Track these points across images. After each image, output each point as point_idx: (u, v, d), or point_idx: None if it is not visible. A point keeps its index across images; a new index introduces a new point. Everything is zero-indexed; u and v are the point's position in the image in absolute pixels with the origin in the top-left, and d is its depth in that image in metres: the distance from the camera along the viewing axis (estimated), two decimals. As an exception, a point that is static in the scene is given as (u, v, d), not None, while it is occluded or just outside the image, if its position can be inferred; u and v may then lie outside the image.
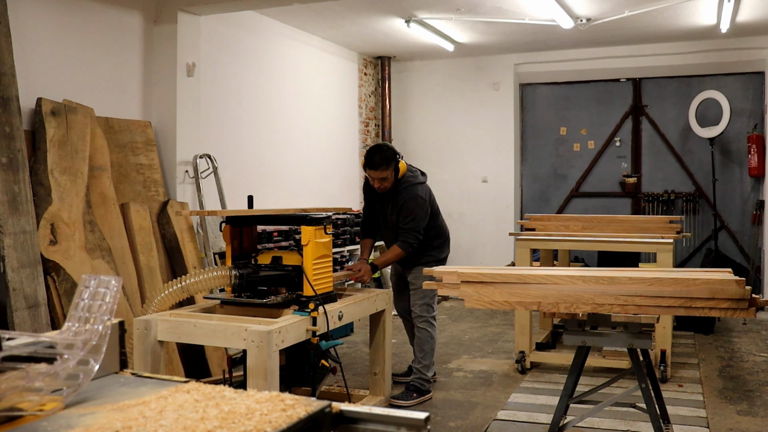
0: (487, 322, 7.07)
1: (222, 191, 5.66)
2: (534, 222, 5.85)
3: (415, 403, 4.40)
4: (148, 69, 5.30)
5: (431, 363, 4.60)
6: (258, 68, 6.59)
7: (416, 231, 4.47)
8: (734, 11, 6.54)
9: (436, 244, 4.69)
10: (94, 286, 1.31)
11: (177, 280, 3.44)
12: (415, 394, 4.47)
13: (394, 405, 4.29)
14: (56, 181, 4.16)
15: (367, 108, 8.93)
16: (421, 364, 4.55)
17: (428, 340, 4.57)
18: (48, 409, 1.16)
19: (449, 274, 3.00)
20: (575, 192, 8.95)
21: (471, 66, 8.97)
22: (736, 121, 8.06)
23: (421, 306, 4.59)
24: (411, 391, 4.48)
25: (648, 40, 7.91)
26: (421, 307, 4.59)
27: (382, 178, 4.42)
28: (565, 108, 8.98)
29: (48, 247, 4.05)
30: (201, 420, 1.06)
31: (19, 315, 3.79)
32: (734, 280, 2.62)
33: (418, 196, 4.48)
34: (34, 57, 4.38)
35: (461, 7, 6.47)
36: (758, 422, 4.05)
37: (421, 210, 4.48)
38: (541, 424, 3.99)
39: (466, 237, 9.00)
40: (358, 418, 1.14)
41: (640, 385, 3.02)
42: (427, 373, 4.55)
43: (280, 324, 3.19)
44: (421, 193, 4.51)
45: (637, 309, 2.76)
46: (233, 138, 6.19)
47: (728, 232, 8.30)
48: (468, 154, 9.00)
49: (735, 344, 6.03)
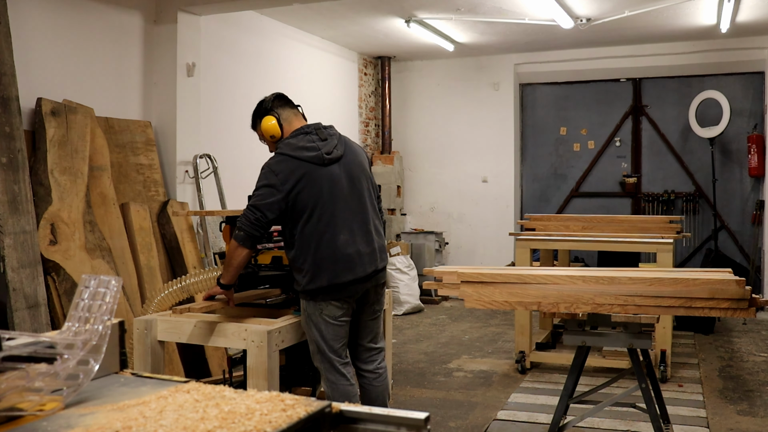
0: (487, 322, 7.07)
1: (222, 191, 5.66)
2: (534, 222, 5.84)
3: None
4: (148, 69, 5.30)
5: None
6: (258, 68, 6.59)
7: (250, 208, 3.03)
8: (734, 11, 6.54)
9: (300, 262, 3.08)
10: (94, 286, 1.31)
11: (177, 280, 3.45)
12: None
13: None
14: (56, 181, 4.16)
15: (367, 108, 8.93)
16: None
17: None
18: (48, 409, 1.16)
19: (449, 274, 3.00)
20: (575, 192, 8.95)
21: (471, 66, 8.97)
22: (736, 121, 8.06)
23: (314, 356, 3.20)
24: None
25: (648, 40, 7.91)
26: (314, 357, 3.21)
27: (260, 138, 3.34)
28: (565, 108, 8.98)
29: (48, 247, 4.05)
30: (201, 420, 1.06)
31: (19, 315, 3.79)
32: (734, 280, 2.62)
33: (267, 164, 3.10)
34: (34, 57, 4.38)
35: (461, 7, 6.47)
36: (758, 422, 4.05)
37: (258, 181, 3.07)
38: (541, 424, 3.99)
39: (466, 237, 9.00)
40: (358, 418, 1.14)
41: (640, 385, 3.02)
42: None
43: (280, 324, 3.19)
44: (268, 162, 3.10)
45: (637, 309, 2.76)
46: (233, 138, 6.19)
47: (728, 232, 8.30)
48: (468, 154, 8.99)
49: (735, 344, 6.03)
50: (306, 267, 3.06)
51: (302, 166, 3.05)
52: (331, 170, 3.11)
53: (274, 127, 3.21)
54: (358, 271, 3.09)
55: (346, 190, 3.13)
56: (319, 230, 3.05)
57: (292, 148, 3.09)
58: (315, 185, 3.06)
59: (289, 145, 3.12)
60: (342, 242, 3.07)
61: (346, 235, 3.09)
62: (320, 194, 3.06)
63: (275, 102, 3.29)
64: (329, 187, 3.08)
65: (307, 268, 3.06)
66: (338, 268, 3.05)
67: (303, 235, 3.07)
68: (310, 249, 3.06)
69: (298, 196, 3.03)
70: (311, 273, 3.06)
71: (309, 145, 3.11)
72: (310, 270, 3.06)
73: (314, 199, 3.05)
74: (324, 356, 3.13)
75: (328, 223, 3.06)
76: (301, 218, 3.06)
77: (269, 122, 3.22)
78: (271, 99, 3.30)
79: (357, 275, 3.08)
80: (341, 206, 3.11)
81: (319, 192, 3.06)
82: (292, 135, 3.18)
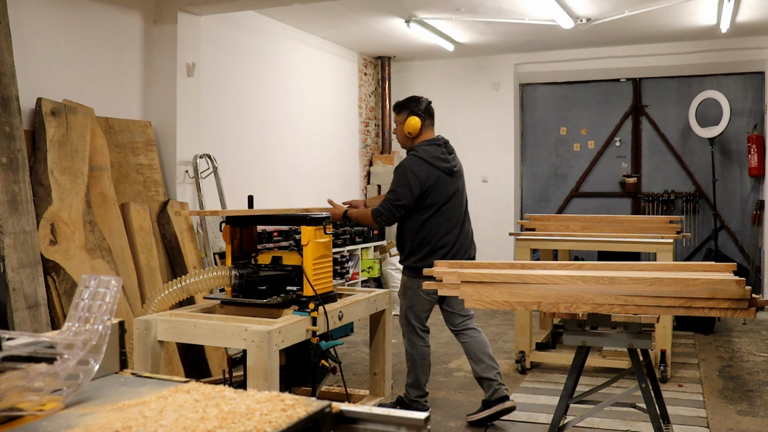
0: (487, 322, 7.07)
1: (222, 191, 5.66)
2: (534, 222, 5.84)
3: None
4: (148, 69, 5.30)
5: (414, 382, 4.10)
6: (258, 68, 6.59)
7: (392, 201, 3.93)
8: (734, 11, 6.54)
9: (415, 244, 4.01)
10: (94, 286, 1.31)
11: (177, 280, 3.44)
12: (398, 406, 4.12)
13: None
14: (56, 181, 4.16)
15: (367, 108, 8.93)
16: (406, 382, 4.16)
17: (408, 358, 4.14)
18: (48, 409, 1.16)
19: (449, 274, 3.00)
20: (575, 192, 8.95)
21: (471, 66, 8.97)
22: (736, 121, 8.06)
23: (402, 319, 4.15)
24: (396, 404, 4.19)
25: (648, 40, 7.91)
26: (402, 320, 4.15)
27: (396, 122, 4.14)
28: (565, 108, 8.98)
29: (48, 247, 4.05)
30: (201, 420, 1.06)
31: (19, 315, 3.79)
32: (734, 280, 2.62)
33: (403, 165, 3.97)
34: (34, 57, 4.38)
35: (461, 7, 6.47)
36: (758, 422, 4.05)
37: (400, 180, 3.93)
38: (541, 424, 3.99)
39: (466, 237, 9.00)
40: (358, 418, 1.14)
41: (640, 385, 3.02)
42: (411, 391, 4.11)
43: (280, 324, 3.19)
44: (407, 163, 3.96)
45: (637, 309, 2.75)
46: (233, 138, 6.19)
47: (728, 232, 8.30)
48: (468, 154, 8.96)
49: (735, 344, 6.03)
50: (423, 251, 3.97)
51: (435, 173, 3.97)
52: (453, 180, 4.07)
53: (416, 127, 4.03)
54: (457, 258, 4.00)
55: (457, 197, 4.09)
56: (438, 225, 3.99)
57: (430, 156, 3.98)
58: (442, 190, 3.99)
59: (427, 152, 3.99)
60: (453, 236, 4.03)
61: (456, 231, 4.06)
62: (443, 197, 4.00)
63: (428, 108, 4.12)
64: (450, 193, 4.04)
65: (424, 251, 3.97)
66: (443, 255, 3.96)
67: (425, 227, 3.98)
68: (428, 238, 3.98)
69: (428, 196, 3.95)
70: (423, 255, 3.96)
71: (442, 157, 4.02)
72: (424, 253, 3.96)
73: (439, 200, 3.98)
74: (410, 322, 4.06)
75: (444, 220, 4.01)
76: (426, 212, 3.97)
77: (416, 121, 4.02)
78: (426, 103, 4.10)
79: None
80: (453, 209, 4.06)
81: (443, 195, 4.00)
82: (427, 143, 4.04)
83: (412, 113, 4.03)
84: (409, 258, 4.03)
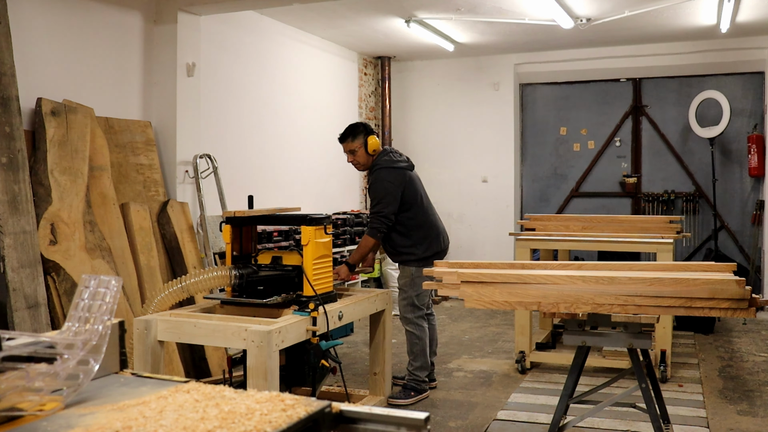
0: (487, 322, 7.07)
1: (222, 191, 5.66)
2: (534, 222, 5.84)
3: (413, 401, 4.41)
4: (148, 69, 5.30)
5: (423, 364, 4.48)
6: (258, 68, 6.59)
7: (382, 215, 4.27)
8: (734, 11, 6.54)
9: (414, 238, 4.41)
10: (94, 286, 1.31)
11: (177, 280, 3.44)
12: (413, 392, 4.45)
13: (393, 405, 4.29)
14: (56, 181, 4.16)
15: (367, 108, 8.93)
16: (413, 366, 4.48)
17: (415, 342, 4.47)
18: (48, 409, 1.16)
19: (449, 274, 3.00)
20: (575, 192, 8.95)
21: (471, 66, 8.96)
22: (736, 121, 8.06)
23: (404, 307, 4.49)
24: (408, 390, 4.47)
25: (648, 40, 7.91)
26: (404, 308, 4.49)
27: (350, 150, 4.39)
28: (565, 108, 8.98)
29: (48, 247, 4.05)
30: (201, 420, 1.06)
31: (19, 315, 3.79)
32: (734, 280, 2.62)
33: (382, 178, 4.30)
34: (34, 57, 4.38)
35: (461, 7, 6.47)
36: (758, 422, 4.05)
37: (384, 192, 4.28)
38: (541, 424, 3.99)
39: (466, 237, 9.00)
40: (358, 418, 1.14)
41: (640, 385, 3.02)
42: (420, 374, 4.47)
43: (280, 324, 3.19)
44: (385, 175, 4.31)
45: (637, 309, 2.76)
46: (233, 138, 6.19)
47: (728, 232, 8.30)
48: (468, 154, 8.99)
49: (735, 344, 6.03)
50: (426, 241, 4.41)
51: (404, 174, 4.39)
52: (415, 174, 4.52)
53: (378, 143, 4.43)
54: (445, 244, 4.58)
55: (423, 188, 4.57)
56: (425, 214, 4.44)
57: (393, 162, 4.39)
58: (414, 185, 4.44)
59: (389, 160, 4.39)
60: (437, 220, 4.57)
61: (436, 215, 4.59)
62: (418, 191, 4.46)
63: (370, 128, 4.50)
64: (419, 184, 4.52)
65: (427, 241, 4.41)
66: (439, 241, 4.49)
67: (417, 219, 4.40)
68: (424, 227, 4.42)
69: (408, 195, 4.36)
70: (425, 244, 4.41)
71: (400, 158, 4.46)
72: (425, 242, 4.40)
73: (416, 194, 4.41)
74: (418, 308, 4.45)
75: (427, 211, 4.49)
76: (412, 209, 4.37)
77: (374, 139, 4.40)
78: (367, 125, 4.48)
79: (446, 246, 4.59)
80: (426, 198, 4.56)
81: (418, 189, 4.47)
82: (383, 154, 4.44)
83: (368, 134, 4.40)
84: (413, 251, 4.42)
